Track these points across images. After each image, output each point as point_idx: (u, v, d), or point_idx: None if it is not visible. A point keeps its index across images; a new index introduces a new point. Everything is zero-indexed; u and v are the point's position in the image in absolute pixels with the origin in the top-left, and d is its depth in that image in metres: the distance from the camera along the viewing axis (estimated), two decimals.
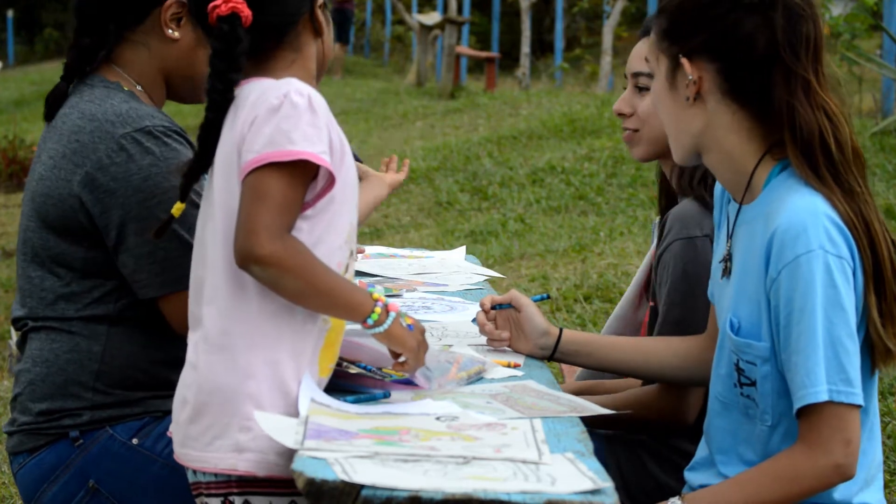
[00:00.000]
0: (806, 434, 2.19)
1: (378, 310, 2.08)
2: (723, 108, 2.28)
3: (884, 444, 4.34)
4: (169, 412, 2.58)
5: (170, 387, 2.56)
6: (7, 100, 20.24)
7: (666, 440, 2.73)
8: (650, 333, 2.77)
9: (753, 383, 2.28)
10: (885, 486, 4.06)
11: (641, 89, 2.78)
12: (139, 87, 2.68)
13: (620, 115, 2.82)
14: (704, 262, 2.56)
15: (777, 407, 2.26)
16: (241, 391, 2.04)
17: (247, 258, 2.00)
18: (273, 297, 2.04)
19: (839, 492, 2.27)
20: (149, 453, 2.60)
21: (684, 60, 2.27)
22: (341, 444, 1.89)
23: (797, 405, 2.17)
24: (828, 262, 2.15)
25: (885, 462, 4.21)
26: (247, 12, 2.07)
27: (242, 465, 2.04)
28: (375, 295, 2.11)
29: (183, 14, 2.66)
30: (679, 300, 2.61)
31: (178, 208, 2.19)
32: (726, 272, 2.36)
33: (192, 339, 2.14)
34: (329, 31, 2.23)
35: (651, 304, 2.79)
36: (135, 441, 2.60)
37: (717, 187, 2.48)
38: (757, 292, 2.24)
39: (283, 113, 2.02)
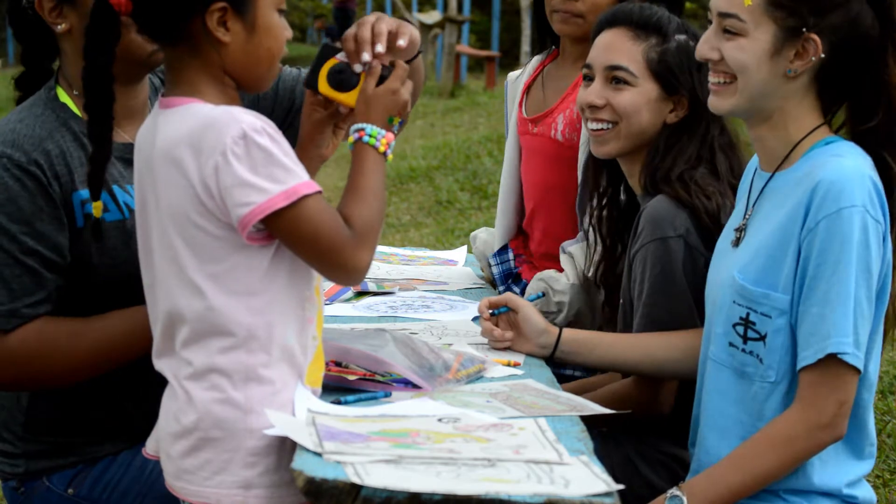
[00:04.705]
0: (804, 392, 2.24)
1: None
2: (807, 84, 2.32)
3: (884, 443, 4.34)
4: (101, 457, 2.57)
5: (100, 430, 2.56)
6: (7, 98, 20.24)
7: (655, 443, 2.72)
8: (622, 331, 2.76)
9: (762, 338, 2.31)
10: (885, 485, 4.07)
11: (618, 82, 2.75)
12: (76, 92, 2.54)
13: (592, 107, 2.78)
14: (679, 262, 2.58)
15: (783, 363, 2.30)
16: (242, 426, 2.02)
17: (358, 275, 2.07)
18: (258, 333, 2.03)
19: (833, 479, 2.31)
20: (85, 501, 2.57)
21: (814, 37, 2.27)
22: (359, 446, 1.89)
23: (820, 355, 2.21)
24: (866, 221, 2.21)
25: (885, 461, 4.22)
26: (119, 0, 2.04)
27: (253, 501, 2.02)
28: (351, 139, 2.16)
29: None
30: (659, 301, 2.61)
31: (97, 207, 2.17)
32: (737, 242, 2.39)
33: (170, 370, 2.09)
34: (242, 42, 2.07)
35: (620, 301, 2.77)
36: (70, 491, 2.57)
37: (749, 167, 2.50)
38: (783, 244, 2.27)
39: (256, 157, 1.97)
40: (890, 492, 4.02)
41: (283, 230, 2.01)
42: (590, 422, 2.16)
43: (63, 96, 2.53)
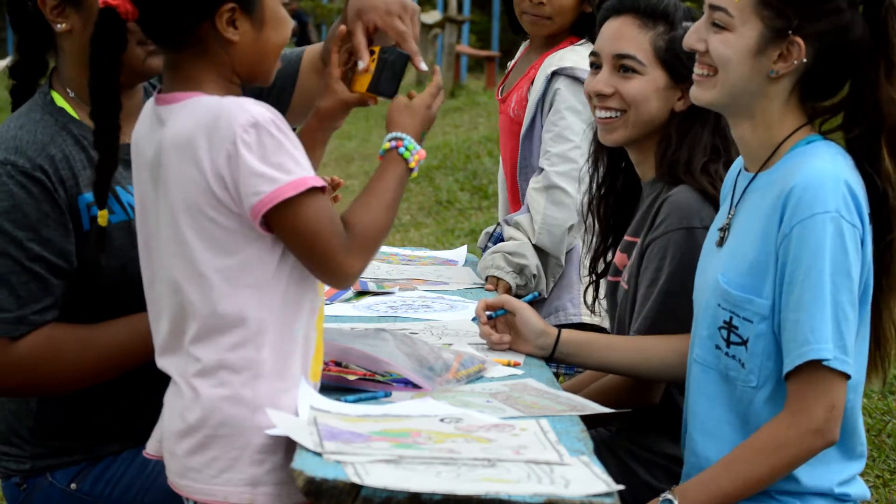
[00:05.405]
0: (792, 398, 2.22)
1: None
2: (790, 87, 2.31)
3: (884, 443, 4.35)
4: (104, 456, 2.58)
5: (105, 434, 2.57)
6: (7, 98, 20.20)
7: (650, 446, 2.71)
8: (628, 318, 2.75)
9: (744, 342, 2.30)
10: (885, 485, 4.07)
11: (626, 70, 2.74)
12: (72, 94, 2.53)
13: (600, 95, 2.77)
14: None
15: (765, 368, 2.29)
16: (250, 424, 2.02)
17: (347, 281, 2.08)
18: (269, 328, 2.03)
19: (825, 479, 2.30)
20: (87, 497, 2.58)
21: (799, 41, 2.26)
22: (359, 446, 1.89)
23: (798, 361, 2.19)
24: (841, 226, 2.19)
25: (885, 461, 4.22)
26: (125, 7, 2.04)
27: (261, 499, 2.02)
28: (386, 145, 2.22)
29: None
30: (677, 291, 2.59)
31: (102, 216, 2.18)
32: (721, 242, 2.39)
33: (176, 367, 2.08)
34: (250, 40, 2.07)
35: (625, 286, 2.76)
36: (73, 486, 2.57)
37: (735, 165, 2.49)
38: (763, 249, 2.26)
39: (267, 145, 1.97)
40: (890, 492, 4.03)
41: (284, 222, 1.99)
42: (585, 422, 2.16)
43: (59, 100, 2.52)
